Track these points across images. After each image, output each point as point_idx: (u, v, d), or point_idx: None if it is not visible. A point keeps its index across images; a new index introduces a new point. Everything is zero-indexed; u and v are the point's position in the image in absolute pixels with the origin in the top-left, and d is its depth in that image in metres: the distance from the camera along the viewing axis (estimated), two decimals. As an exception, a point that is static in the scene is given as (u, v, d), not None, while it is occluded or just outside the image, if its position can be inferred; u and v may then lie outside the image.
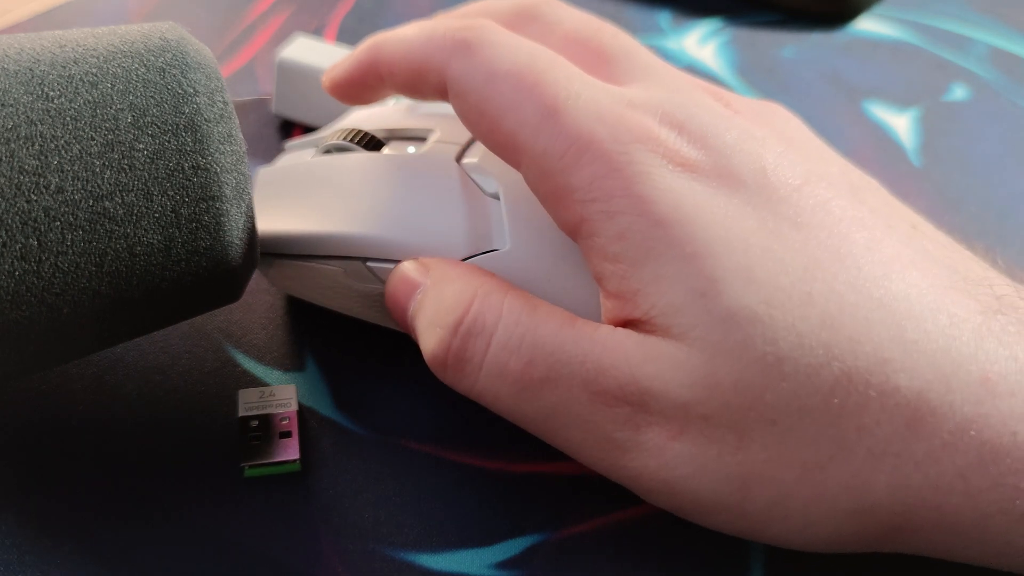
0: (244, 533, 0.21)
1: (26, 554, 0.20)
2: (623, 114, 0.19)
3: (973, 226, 0.30)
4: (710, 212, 0.18)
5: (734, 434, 0.18)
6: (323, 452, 0.23)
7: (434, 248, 0.22)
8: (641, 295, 0.18)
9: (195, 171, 0.19)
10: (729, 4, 0.40)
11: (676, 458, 0.18)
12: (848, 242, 0.19)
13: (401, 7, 0.39)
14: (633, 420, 0.18)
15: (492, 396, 0.20)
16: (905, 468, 0.17)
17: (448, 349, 0.20)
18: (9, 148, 0.18)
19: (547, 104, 0.19)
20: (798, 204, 0.19)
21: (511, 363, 0.19)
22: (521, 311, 0.19)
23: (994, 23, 0.40)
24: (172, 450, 0.22)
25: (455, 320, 0.20)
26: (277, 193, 0.25)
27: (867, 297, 0.18)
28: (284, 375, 0.24)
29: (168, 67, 0.20)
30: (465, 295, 0.20)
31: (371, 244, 0.22)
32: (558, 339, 0.19)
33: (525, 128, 0.19)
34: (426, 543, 0.21)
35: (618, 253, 0.19)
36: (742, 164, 0.19)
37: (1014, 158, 0.33)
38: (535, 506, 0.22)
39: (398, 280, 0.22)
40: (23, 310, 0.18)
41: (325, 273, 0.23)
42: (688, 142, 0.19)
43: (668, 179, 0.19)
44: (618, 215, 0.19)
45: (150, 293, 0.20)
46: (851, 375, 0.17)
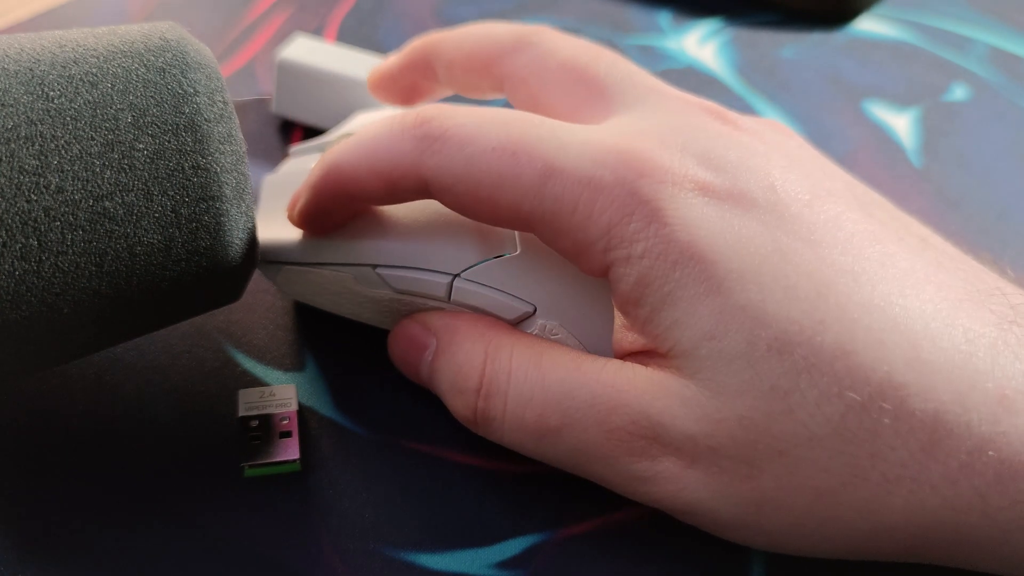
0: (244, 533, 0.21)
1: (26, 554, 0.20)
2: (621, 151, 0.19)
3: (973, 226, 0.30)
4: (725, 242, 0.18)
5: (744, 464, 0.18)
6: (323, 452, 0.23)
7: (444, 254, 0.22)
8: (660, 338, 0.19)
9: (195, 171, 0.19)
10: (729, 4, 0.40)
11: (692, 484, 0.19)
12: (862, 258, 0.19)
13: (401, 7, 0.39)
14: (648, 452, 0.19)
15: (518, 445, 0.21)
16: (921, 491, 0.17)
17: (474, 411, 0.21)
18: (9, 148, 0.18)
19: (540, 166, 0.19)
20: (810, 220, 0.19)
21: (527, 416, 0.20)
22: (528, 365, 0.20)
23: (994, 23, 0.40)
24: (172, 450, 0.22)
25: (474, 385, 0.21)
26: (284, 200, 0.24)
27: (881, 318, 0.18)
28: (284, 375, 0.24)
29: (168, 67, 0.20)
30: (477, 358, 0.21)
31: (381, 250, 0.22)
32: (566, 386, 0.20)
33: (527, 197, 0.19)
34: (426, 543, 0.21)
35: (640, 298, 0.19)
36: (751, 182, 0.19)
37: (1014, 158, 0.33)
38: (535, 506, 0.22)
39: (404, 340, 0.22)
40: (23, 310, 0.18)
41: (335, 279, 0.23)
42: (694, 164, 0.19)
43: (681, 209, 0.19)
44: (637, 260, 0.19)
45: (150, 293, 0.20)
46: (864, 404, 0.17)
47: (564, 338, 0.21)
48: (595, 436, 0.19)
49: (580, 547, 0.21)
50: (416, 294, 0.22)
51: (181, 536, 0.21)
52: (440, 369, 0.22)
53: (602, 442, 0.19)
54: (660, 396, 0.19)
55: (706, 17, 0.39)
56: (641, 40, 0.37)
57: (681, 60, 0.37)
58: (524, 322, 0.22)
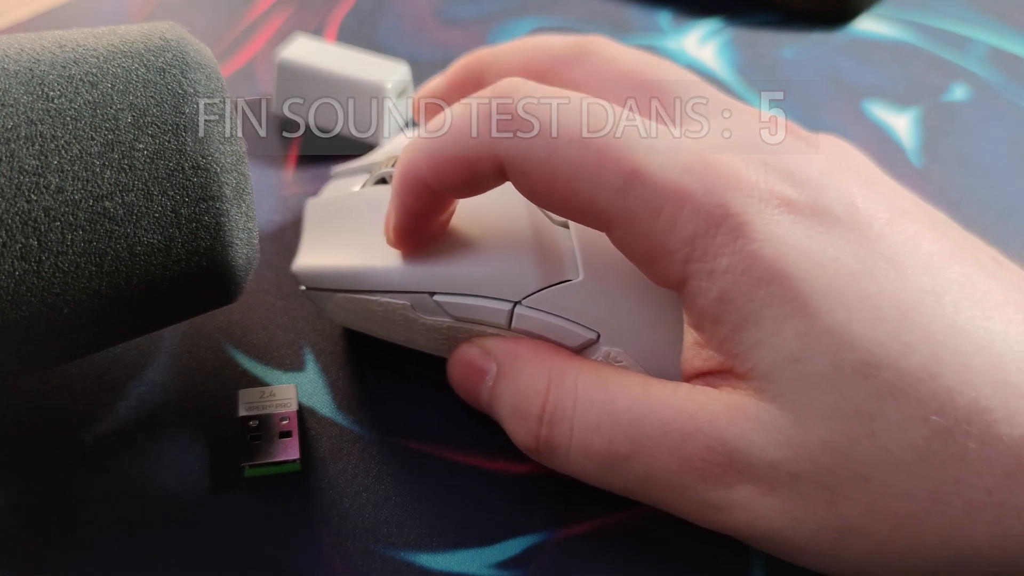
0: (244, 533, 0.21)
1: (25, 553, 0.20)
2: (708, 160, 0.19)
3: (973, 226, 0.30)
4: (811, 261, 0.18)
5: (826, 490, 0.18)
6: (323, 452, 0.23)
7: (504, 281, 0.21)
8: (739, 359, 0.18)
9: (195, 171, 0.19)
10: (729, 4, 0.40)
11: (770, 512, 0.18)
12: (943, 279, 0.18)
13: (401, 7, 0.39)
14: (724, 480, 0.18)
15: (584, 473, 0.20)
16: (1007, 518, 0.17)
17: (538, 439, 0.20)
18: (9, 148, 0.18)
19: (627, 166, 0.18)
20: (892, 240, 0.18)
21: (595, 443, 0.19)
22: (595, 391, 0.20)
23: (994, 23, 0.40)
24: (172, 450, 0.22)
25: (537, 412, 0.20)
26: (333, 226, 0.24)
27: (966, 341, 0.17)
28: (284, 375, 0.24)
29: (168, 67, 0.20)
30: (539, 383, 0.20)
31: (439, 278, 0.21)
32: (635, 413, 0.19)
33: (607, 194, 0.19)
34: (426, 543, 0.21)
35: (720, 315, 0.18)
36: (833, 199, 0.19)
37: (1014, 158, 0.33)
38: (535, 506, 0.22)
39: (463, 365, 0.22)
40: (23, 310, 0.18)
41: (390, 307, 0.22)
42: (778, 180, 0.19)
43: (769, 226, 0.18)
44: (720, 275, 0.18)
45: (150, 293, 0.20)
46: (949, 428, 0.17)
47: (629, 365, 0.21)
48: (667, 463, 0.19)
49: (580, 547, 0.21)
50: (475, 321, 0.22)
51: (181, 536, 0.21)
52: (501, 395, 0.21)
53: (675, 470, 0.19)
54: (737, 421, 0.18)
55: (706, 17, 0.39)
56: (641, 40, 0.37)
57: (681, 60, 0.37)
58: (587, 349, 0.21)
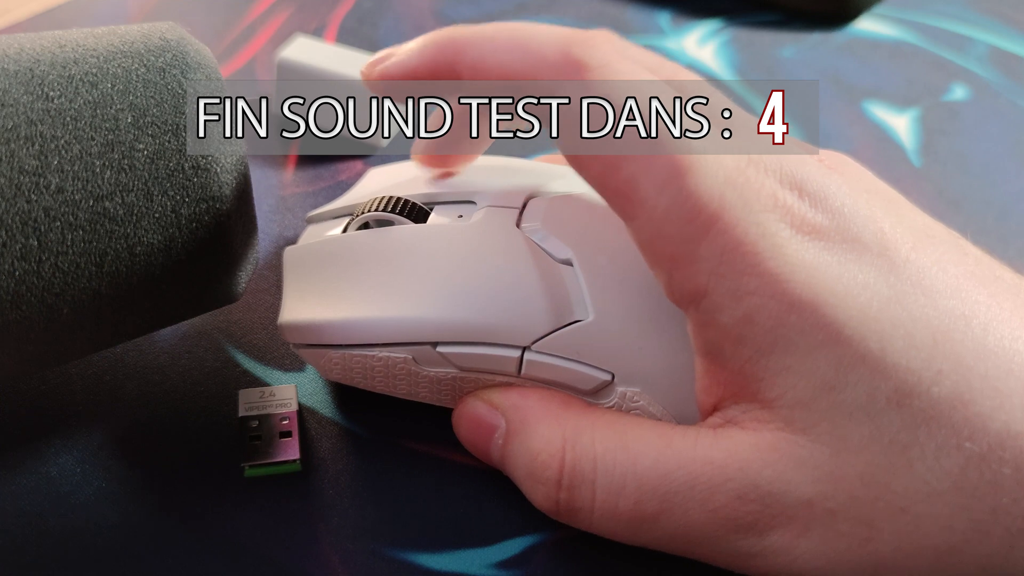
0: (244, 533, 0.21)
1: (24, 554, 0.20)
2: (749, 176, 0.18)
3: (973, 226, 0.30)
4: (843, 288, 0.18)
5: (863, 526, 0.17)
6: (323, 452, 0.23)
7: (511, 326, 0.20)
8: (765, 384, 0.18)
9: (195, 171, 0.19)
10: (729, 4, 0.40)
11: (806, 553, 0.18)
12: (970, 302, 0.18)
13: (401, 7, 0.39)
14: (755, 527, 0.18)
15: (610, 533, 0.20)
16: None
17: (557, 503, 0.20)
18: (9, 148, 0.18)
19: (677, 161, 0.18)
20: (919, 264, 0.18)
21: (620, 505, 0.19)
22: (615, 449, 0.19)
23: (994, 23, 0.40)
24: (172, 450, 0.22)
25: (555, 476, 0.20)
26: (318, 275, 0.22)
27: (996, 365, 0.17)
28: (284, 375, 0.24)
29: (168, 67, 0.20)
30: (554, 444, 0.20)
31: (444, 327, 0.20)
32: (660, 469, 0.19)
33: (647, 181, 0.18)
34: (426, 543, 0.21)
35: (744, 336, 0.18)
36: (862, 227, 0.18)
37: (1014, 158, 0.33)
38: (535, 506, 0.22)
39: (470, 422, 0.21)
40: (23, 310, 0.18)
41: (391, 362, 0.21)
42: (811, 205, 0.18)
43: (801, 252, 0.18)
44: (747, 296, 0.18)
45: (150, 293, 0.20)
46: (983, 455, 0.17)
47: (647, 404, 0.20)
48: (697, 518, 0.18)
49: (580, 547, 0.21)
50: (483, 371, 0.21)
51: (181, 536, 0.21)
52: (513, 455, 0.21)
53: (705, 523, 0.18)
54: (770, 463, 0.18)
55: (706, 17, 0.39)
56: (641, 40, 0.37)
57: (681, 60, 0.37)
58: (602, 391, 0.20)
